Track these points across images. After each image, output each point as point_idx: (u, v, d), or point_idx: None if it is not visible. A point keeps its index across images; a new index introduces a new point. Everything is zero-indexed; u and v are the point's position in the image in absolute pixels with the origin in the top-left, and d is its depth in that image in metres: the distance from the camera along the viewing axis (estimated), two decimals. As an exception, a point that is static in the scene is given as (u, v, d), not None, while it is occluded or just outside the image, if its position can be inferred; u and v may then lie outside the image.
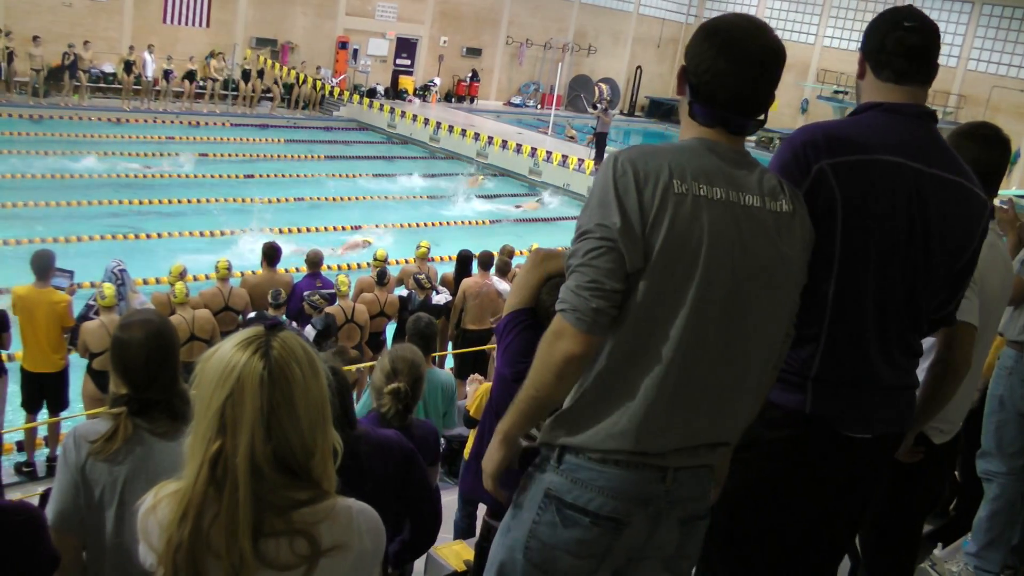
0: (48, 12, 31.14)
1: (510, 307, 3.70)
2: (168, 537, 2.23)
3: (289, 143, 30.42)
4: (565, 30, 45.25)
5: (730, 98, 2.82)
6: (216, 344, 2.34)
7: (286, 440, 2.25)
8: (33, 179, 22.07)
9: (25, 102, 29.55)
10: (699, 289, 2.69)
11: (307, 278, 12.05)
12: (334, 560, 2.31)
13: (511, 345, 3.75)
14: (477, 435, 4.03)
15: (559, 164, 28.58)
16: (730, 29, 2.86)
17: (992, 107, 39.31)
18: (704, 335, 2.74)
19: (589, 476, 2.81)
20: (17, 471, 10.09)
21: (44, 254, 10.29)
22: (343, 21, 38.25)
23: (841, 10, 44.87)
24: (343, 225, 21.68)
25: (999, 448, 5.40)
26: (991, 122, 4.38)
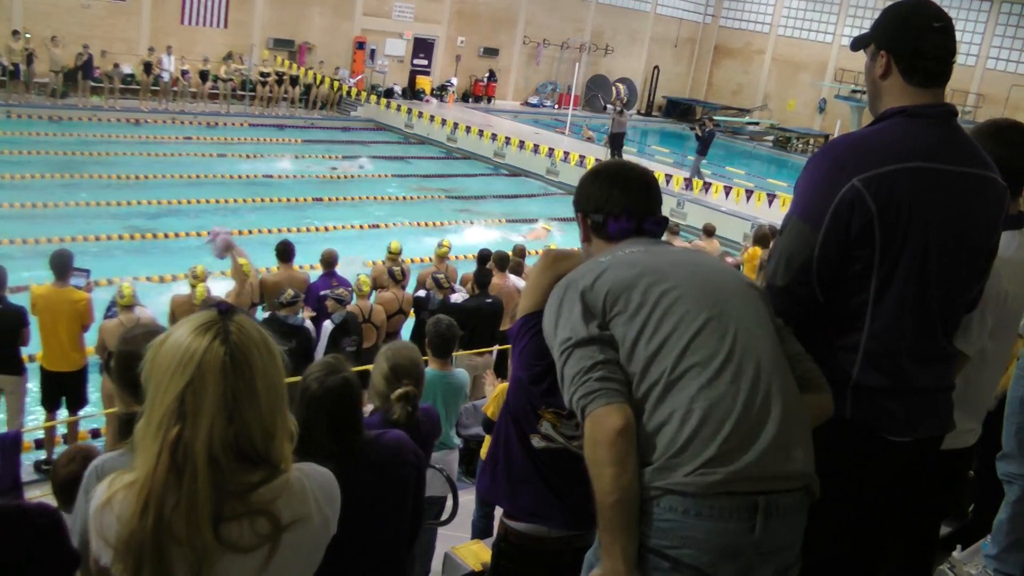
0: (66, 13, 31.28)
1: (524, 310, 3.67)
2: (130, 530, 2.19)
3: (307, 143, 30.49)
4: (582, 30, 45.21)
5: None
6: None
7: (246, 425, 2.23)
8: (52, 179, 22.19)
9: (44, 103, 29.68)
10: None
11: (323, 277, 12.02)
12: (296, 534, 2.32)
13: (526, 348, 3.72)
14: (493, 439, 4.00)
15: (576, 164, 28.51)
16: (609, 168, 3.40)
17: (1011, 106, 39.10)
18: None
19: (671, 526, 2.70)
20: (36, 469, 10.12)
21: (62, 253, 10.34)
22: (360, 21, 38.29)
23: (859, 9, 44.66)
24: (361, 224, 21.72)
25: (1020, 450, 5.36)
26: (1011, 119, 4.32)
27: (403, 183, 26.94)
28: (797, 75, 46.17)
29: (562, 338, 2.88)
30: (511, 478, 3.79)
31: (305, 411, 3.77)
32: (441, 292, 11.84)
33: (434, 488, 6.60)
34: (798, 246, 3.15)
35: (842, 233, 3.07)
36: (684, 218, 24.39)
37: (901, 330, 3.16)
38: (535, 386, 3.54)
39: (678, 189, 26.50)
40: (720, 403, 2.69)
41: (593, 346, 2.81)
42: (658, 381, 2.75)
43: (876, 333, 3.17)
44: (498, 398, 7.32)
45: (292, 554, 2.34)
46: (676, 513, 2.66)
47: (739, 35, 49.32)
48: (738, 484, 2.65)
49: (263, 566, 2.27)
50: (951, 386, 3.41)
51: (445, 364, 7.70)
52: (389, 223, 22.13)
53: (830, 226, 3.07)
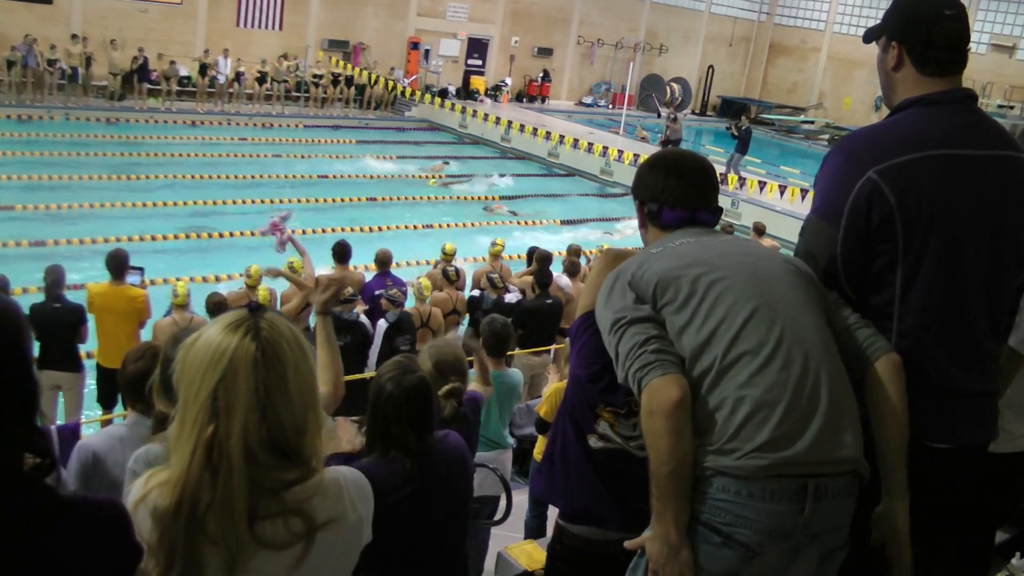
0: (124, 17, 31.62)
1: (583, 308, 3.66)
2: (163, 527, 2.23)
3: (361, 143, 30.59)
4: (636, 29, 45.02)
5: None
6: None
7: (279, 421, 2.26)
8: (109, 180, 22.44)
9: (101, 105, 30.05)
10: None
11: (377, 277, 12.05)
12: (330, 533, 2.35)
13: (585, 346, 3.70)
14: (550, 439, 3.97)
15: (630, 164, 28.37)
16: (667, 157, 3.42)
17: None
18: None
19: (724, 505, 2.75)
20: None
21: (118, 253, 10.48)
22: (414, 22, 38.39)
23: (918, 4, 44.06)
24: (414, 224, 21.76)
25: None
26: None
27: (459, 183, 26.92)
28: (853, 73, 45.65)
29: (614, 318, 2.94)
30: (567, 479, 3.76)
31: (384, 410, 3.90)
32: (495, 292, 11.81)
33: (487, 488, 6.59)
34: (820, 245, 3.13)
35: (862, 228, 3.02)
36: (738, 218, 24.20)
37: (931, 328, 3.07)
38: (593, 384, 3.51)
39: (732, 188, 26.30)
40: (771, 390, 2.73)
41: (646, 323, 2.89)
42: (709, 369, 2.79)
43: (904, 332, 3.08)
44: (551, 398, 7.28)
45: (326, 554, 2.36)
46: (729, 493, 2.72)
47: (794, 33, 48.88)
48: (788, 468, 2.70)
49: (296, 565, 2.30)
50: (994, 391, 3.29)
51: (500, 363, 7.66)
52: (443, 223, 22.14)
53: (849, 222, 3.04)
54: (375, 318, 11.00)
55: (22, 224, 18.36)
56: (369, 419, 4.01)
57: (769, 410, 2.71)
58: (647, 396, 2.77)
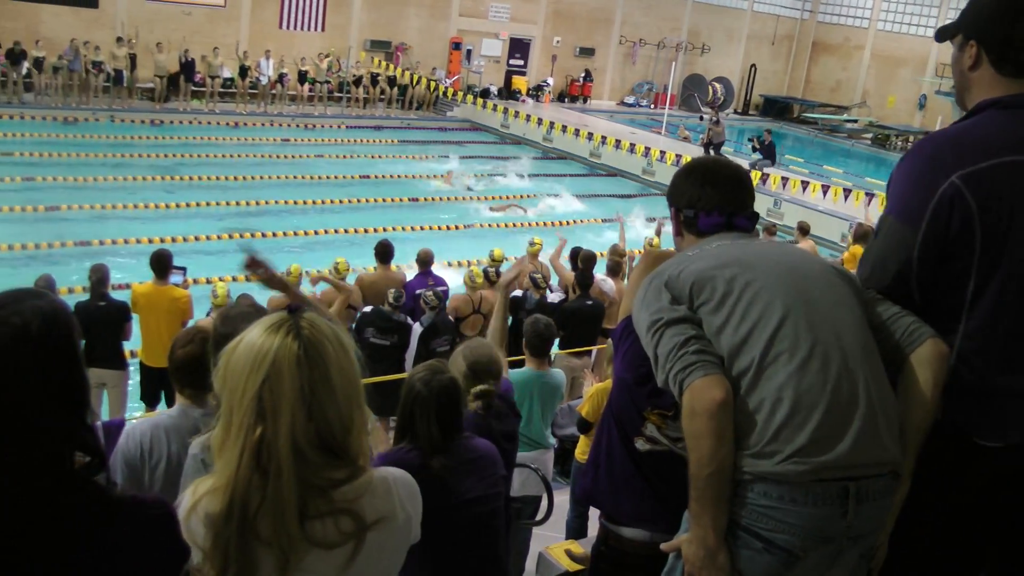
0: (169, 20, 31.93)
1: (625, 311, 3.66)
2: (215, 532, 2.25)
3: (403, 144, 30.67)
4: (678, 29, 44.87)
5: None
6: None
7: (326, 419, 2.27)
8: (153, 181, 22.64)
9: (146, 107, 30.32)
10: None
11: (419, 276, 12.05)
12: (380, 533, 2.36)
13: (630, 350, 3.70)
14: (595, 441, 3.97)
15: (672, 164, 28.27)
16: (703, 164, 3.42)
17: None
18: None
19: (765, 510, 2.75)
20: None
21: (162, 252, 10.59)
22: (456, 22, 38.47)
23: (961, 0, 43.60)
24: (455, 224, 21.78)
25: None
26: None
27: (498, 182, 26.93)
28: (897, 71, 45.27)
29: (651, 319, 2.93)
30: (613, 481, 3.76)
31: (412, 409, 4.01)
32: (538, 292, 11.76)
33: (529, 488, 6.58)
34: (895, 247, 3.04)
35: (942, 232, 2.95)
36: (781, 218, 24.04)
37: (998, 330, 3.00)
38: (640, 387, 3.50)
39: (775, 188, 26.14)
40: (809, 392, 2.72)
41: (685, 324, 2.88)
42: (747, 370, 2.78)
43: (971, 333, 3.02)
44: (593, 398, 7.25)
45: (377, 552, 2.37)
46: (771, 499, 2.71)
47: (837, 30, 48.52)
48: (829, 472, 2.69)
49: (347, 563, 2.32)
50: None
51: (542, 364, 7.63)
52: (484, 223, 22.14)
53: (930, 225, 2.96)
54: (416, 318, 11.01)
55: (67, 224, 18.56)
56: (399, 417, 4.10)
57: (808, 412, 2.70)
58: (689, 397, 2.75)
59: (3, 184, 20.85)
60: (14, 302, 2.11)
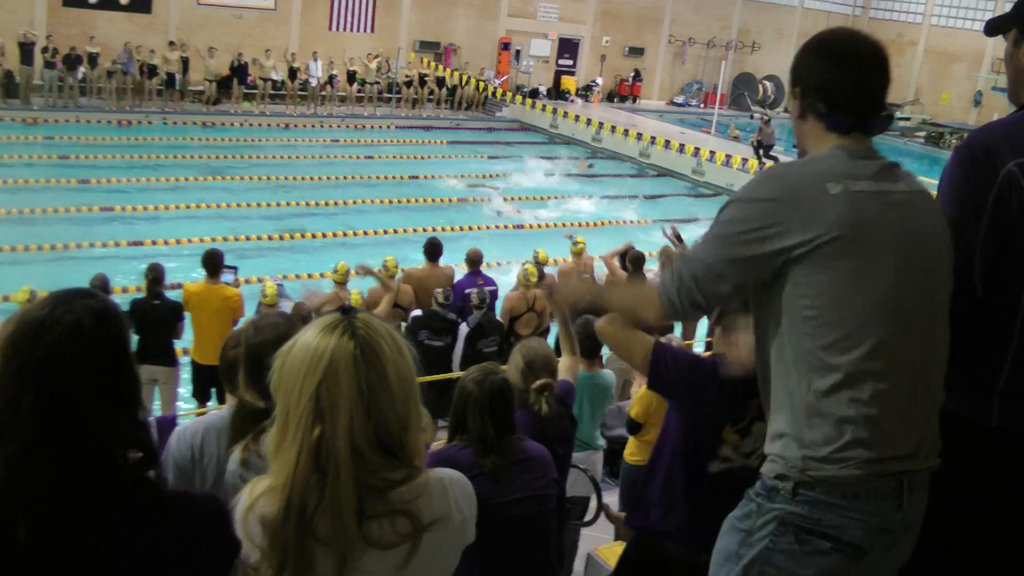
0: (220, 24, 32.23)
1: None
2: (273, 532, 2.26)
3: (452, 144, 30.73)
4: (728, 27, 44.62)
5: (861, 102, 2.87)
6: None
7: (383, 417, 2.27)
8: (205, 182, 22.86)
9: (197, 109, 30.66)
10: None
11: (468, 276, 12.06)
12: (436, 534, 2.36)
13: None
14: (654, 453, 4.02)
15: (722, 164, 28.14)
16: (835, 41, 2.97)
17: None
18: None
19: (830, 508, 2.73)
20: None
21: (214, 252, 10.74)
22: (505, 22, 38.51)
23: (1018, -4, 42.93)
24: (505, 224, 21.79)
25: None
26: None
27: (547, 183, 26.90)
28: (951, 67, 44.70)
29: (722, 232, 2.82)
30: (670, 499, 3.83)
31: (464, 408, 4.05)
32: (588, 292, 11.70)
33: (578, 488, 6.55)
34: (958, 241, 2.93)
35: (1005, 220, 2.89)
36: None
37: None
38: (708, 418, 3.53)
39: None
40: (884, 401, 2.66)
41: (728, 280, 2.79)
42: (834, 366, 2.67)
43: None
44: (643, 399, 7.21)
45: (432, 553, 2.37)
46: (835, 496, 2.70)
47: (890, 26, 47.94)
48: (887, 467, 2.70)
49: (403, 564, 2.31)
50: None
51: (592, 365, 7.61)
52: (532, 224, 22.13)
53: (991, 217, 2.91)
54: (465, 317, 11.03)
55: (121, 224, 18.86)
56: (451, 417, 4.14)
57: (882, 425, 2.67)
58: (660, 304, 2.87)
59: (59, 185, 21.23)
60: (67, 301, 2.15)
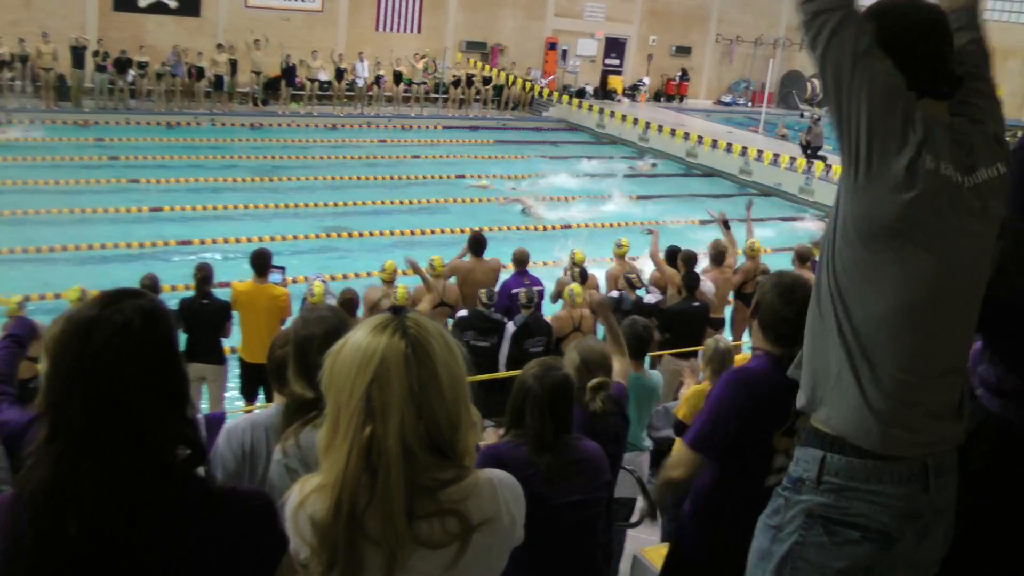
0: (267, 26, 32.39)
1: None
2: (323, 530, 2.27)
3: (499, 144, 30.75)
4: (775, 25, 44.21)
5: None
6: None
7: (434, 417, 2.28)
8: (253, 183, 23.08)
9: (245, 111, 30.94)
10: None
11: (515, 276, 12.05)
12: (485, 534, 2.35)
13: None
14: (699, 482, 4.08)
15: (770, 163, 27.94)
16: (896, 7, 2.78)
17: None
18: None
19: (855, 494, 2.72)
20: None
21: (262, 252, 10.80)
22: (552, 22, 38.49)
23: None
24: (552, 225, 21.76)
25: None
26: None
27: (594, 183, 26.81)
28: (1005, 62, 43.89)
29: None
30: (718, 519, 3.95)
31: (522, 404, 3.98)
32: (633, 293, 11.67)
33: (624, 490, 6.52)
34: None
35: None
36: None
37: None
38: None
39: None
40: (914, 390, 2.67)
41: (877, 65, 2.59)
42: (881, 322, 2.64)
43: None
44: (690, 400, 7.17)
45: (481, 554, 2.37)
46: (857, 480, 2.70)
47: (942, 25, 47.38)
48: (912, 450, 2.70)
49: (452, 564, 2.32)
50: None
51: (639, 366, 7.59)
52: (580, 223, 22.08)
53: None
54: (511, 318, 11.02)
55: (170, 224, 19.03)
56: (508, 413, 4.08)
57: (916, 395, 2.67)
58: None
59: (109, 185, 21.53)
60: (116, 301, 2.19)
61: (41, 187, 20.91)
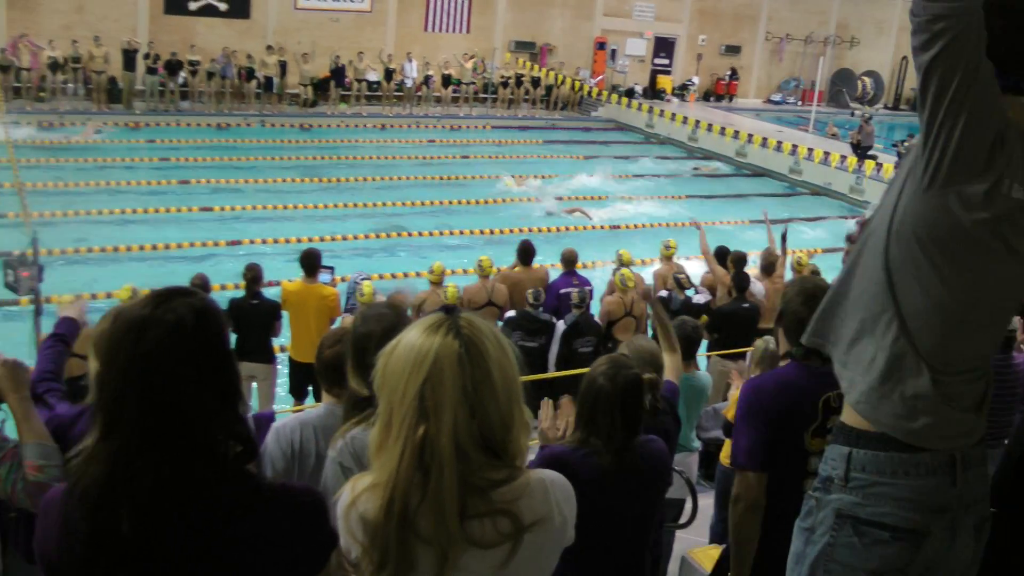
0: (316, 28, 32.66)
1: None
2: (375, 528, 2.28)
3: (548, 144, 30.73)
4: (826, 23, 43.89)
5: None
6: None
7: (487, 417, 2.27)
8: (303, 183, 23.20)
9: (295, 112, 31.18)
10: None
11: (563, 276, 12.02)
12: (537, 534, 2.34)
13: None
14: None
15: (820, 162, 27.71)
16: None
17: None
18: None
19: (882, 490, 2.70)
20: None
21: (312, 252, 10.87)
22: (600, 22, 38.45)
23: None
24: (601, 225, 21.69)
25: None
26: None
27: (642, 184, 26.72)
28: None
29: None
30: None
31: (593, 404, 3.89)
32: (682, 293, 11.61)
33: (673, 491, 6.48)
34: None
35: None
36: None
37: None
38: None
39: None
40: (954, 374, 2.67)
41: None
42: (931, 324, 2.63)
43: None
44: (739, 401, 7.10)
45: (533, 554, 2.36)
46: (885, 475, 2.68)
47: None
48: (938, 443, 2.68)
49: (503, 564, 2.31)
50: None
51: (688, 366, 7.53)
52: (629, 224, 21.99)
53: None
54: (560, 317, 11.00)
55: (220, 224, 19.20)
56: (577, 410, 4.01)
57: (945, 402, 2.65)
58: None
59: (161, 187, 21.82)
60: (167, 299, 2.22)
61: (92, 188, 21.18)
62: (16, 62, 28.41)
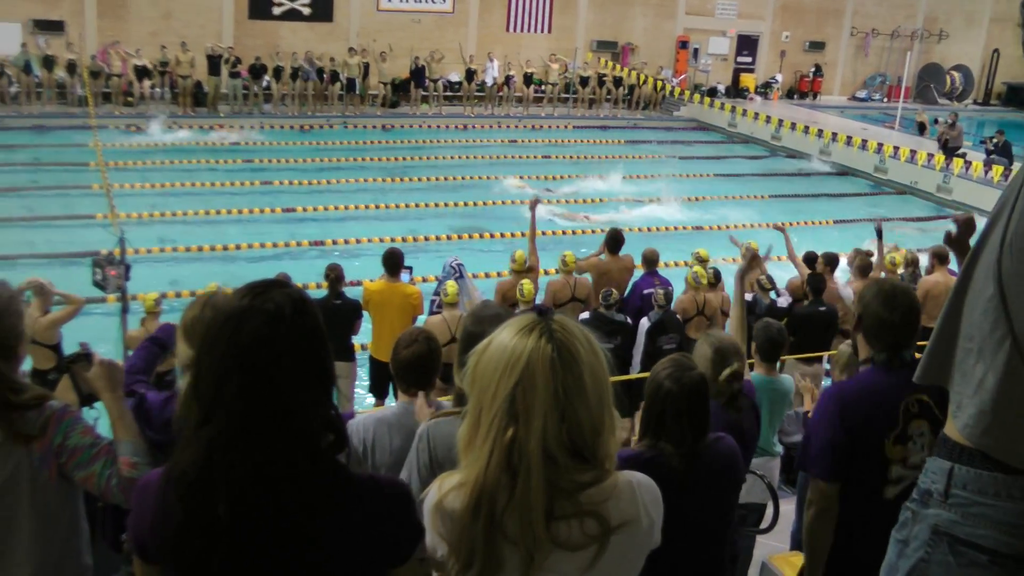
0: (398, 29, 32.92)
1: None
2: (462, 528, 2.29)
3: (630, 144, 30.61)
4: (913, 16, 43.06)
5: None
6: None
7: (577, 421, 2.27)
8: (384, 183, 23.40)
9: (376, 113, 31.49)
10: None
11: (645, 276, 11.98)
12: (624, 536, 2.35)
13: None
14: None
15: (907, 160, 27.24)
16: None
17: None
18: None
19: (983, 511, 2.57)
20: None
21: (394, 251, 10.92)
22: (683, 20, 38.26)
23: None
24: (684, 225, 21.56)
25: None
26: None
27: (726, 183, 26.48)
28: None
29: None
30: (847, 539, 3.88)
31: (661, 406, 3.85)
32: (766, 296, 11.49)
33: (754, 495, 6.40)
34: None
35: None
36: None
37: None
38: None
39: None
40: None
41: None
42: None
43: None
44: (818, 404, 7.00)
45: (619, 556, 2.37)
46: (986, 495, 2.55)
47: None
48: None
49: (590, 565, 2.32)
50: None
51: (772, 369, 7.45)
52: (711, 225, 21.81)
53: None
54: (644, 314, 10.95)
55: (302, 225, 19.43)
56: (644, 414, 3.96)
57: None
58: None
59: (244, 188, 22.13)
60: (264, 290, 2.27)
61: (177, 189, 21.55)
62: (106, 68, 29.07)
